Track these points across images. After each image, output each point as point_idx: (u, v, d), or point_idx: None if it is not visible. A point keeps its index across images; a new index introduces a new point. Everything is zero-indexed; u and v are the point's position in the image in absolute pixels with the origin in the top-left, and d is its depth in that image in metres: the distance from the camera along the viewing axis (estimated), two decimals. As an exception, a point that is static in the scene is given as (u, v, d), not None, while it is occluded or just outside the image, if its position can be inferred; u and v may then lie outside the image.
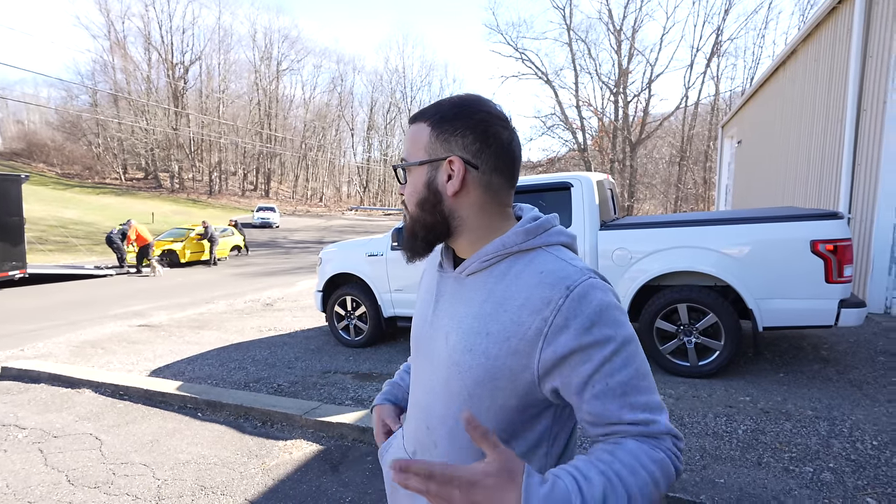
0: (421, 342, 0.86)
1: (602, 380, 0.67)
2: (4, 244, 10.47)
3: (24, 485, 2.62)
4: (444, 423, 0.78)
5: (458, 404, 0.76)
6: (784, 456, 2.63)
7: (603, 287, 0.71)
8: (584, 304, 0.68)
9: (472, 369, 0.74)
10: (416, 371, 0.86)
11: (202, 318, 7.04)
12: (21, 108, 51.02)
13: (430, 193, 0.78)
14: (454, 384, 0.76)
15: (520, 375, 0.71)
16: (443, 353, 0.78)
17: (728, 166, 14.70)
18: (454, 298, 0.80)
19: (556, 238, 0.78)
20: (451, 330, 0.78)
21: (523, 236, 0.76)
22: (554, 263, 0.73)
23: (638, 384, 0.68)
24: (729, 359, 3.72)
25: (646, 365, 0.70)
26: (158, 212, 30.47)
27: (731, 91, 30.37)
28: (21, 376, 4.47)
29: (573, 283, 0.69)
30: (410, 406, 0.89)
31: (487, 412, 0.74)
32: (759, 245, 3.63)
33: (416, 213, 0.80)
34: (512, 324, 0.71)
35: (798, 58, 8.10)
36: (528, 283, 0.72)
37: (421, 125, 0.78)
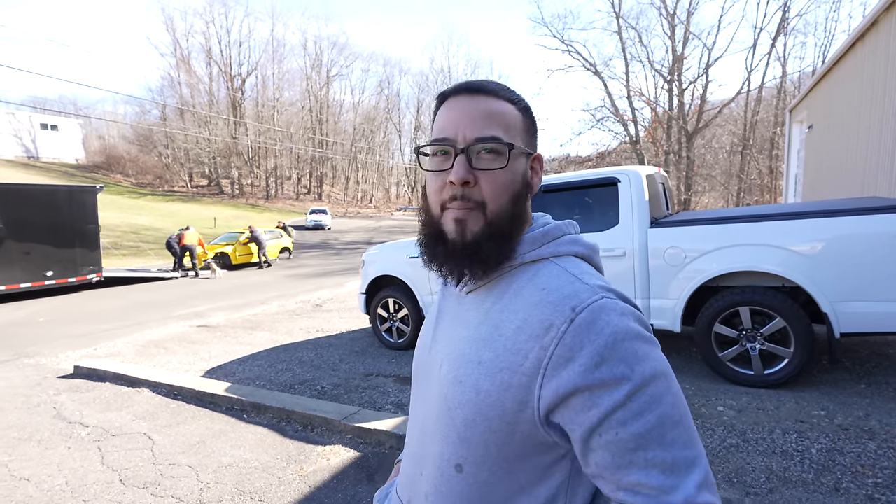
0: (419, 370, 0.75)
1: (611, 430, 0.54)
2: (82, 250, 11.39)
3: (81, 483, 2.76)
4: (437, 472, 0.66)
5: (449, 450, 0.64)
6: (867, 482, 2.31)
7: (620, 309, 0.57)
8: (593, 332, 0.55)
9: (460, 406, 0.62)
10: (413, 405, 0.75)
11: (255, 318, 7.31)
12: (102, 124, 55.76)
13: (523, 186, 0.67)
14: (444, 424, 0.64)
15: (518, 416, 0.58)
16: (435, 384, 0.67)
17: (797, 154, 13.58)
18: (452, 320, 0.70)
19: (567, 248, 0.66)
20: (445, 357, 0.67)
21: (527, 246, 0.66)
22: (560, 278, 0.61)
23: (661, 435, 0.53)
24: (800, 367, 3.36)
25: (678, 409, 0.55)
26: (220, 216, 32.22)
27: (801, 72, 28.12)
28: (90, 375, 4.79)
29: (580, 304, 0.57)
30: (406, 446, 0.77)
31: (482, 461, 0.61)
32: (835, 241, 3.25)
33: (504, 205, 0.64)
34: (506, 352, 0.59)
35: (880, 29, 7.30)
36: (528, 302, 0.61)
37: (506, 105, 0.66)
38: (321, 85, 54.52)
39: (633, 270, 3.82)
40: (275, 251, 17.58)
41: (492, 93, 0.66)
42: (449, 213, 0.64)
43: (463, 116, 0.64)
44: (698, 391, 3.51)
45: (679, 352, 4.38)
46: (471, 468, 0.62)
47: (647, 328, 0.59)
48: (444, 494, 0.64)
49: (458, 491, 0.63)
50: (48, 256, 10.70)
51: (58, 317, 8.31)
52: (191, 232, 14.62)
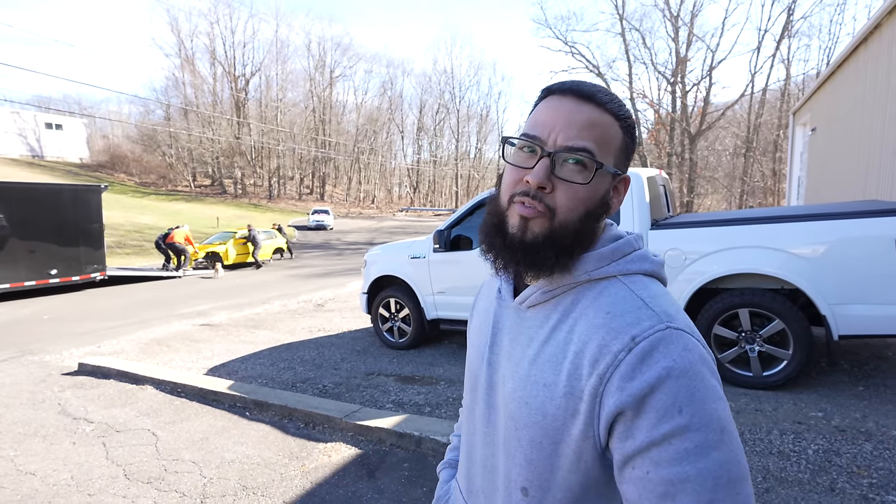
0: (476, 382, 0.73)
1: (643, 466, 0.51)
2: (87, 248, 11.46)
3: (86, 477, 2.80)
4: (506, 493, 0.65)
5: (516, 471, 0.63)
6: (863, 482, 2.34)
7: (683, 343, 0.53)
8: (647, 364, 0.52)
9: (527, 427, 0.61)
10: (475, 416, 0.73)
11: (258, 317, 7.35)
12: (106, 124, 56.07)
13: (601, 206, 0.63)
14: (512, 443, 0.63)
15: (582, 445, 0.56)
16: (500, 401, 0.66)
17: (800, 156, 13.58)
18: (514, 335, 0.67)
19: (636, 265, 0.63)
20: (509, 375, 0.65)
21: (595, 262, 0.62)
22: (626, 302, 0.58)
23: (697, 491, 0.48)
24: (798, 369, 3.39)
25: (727, 469, 0.49)
26: (223, 216, 32.32)
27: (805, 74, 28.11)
28: (95, 372, 4.84)
29: (641, 333, 0.54)
30: (469, 455, 0.75)
31: (547, 487, 0.60)
32: (835, 244, 3.27)
33: (573, 220, 0.61)
34: (569, 377, 0.57)
35: (883, 32, 7.31)
36: (592, 325, 0.58)
37: (609, 119, 0.62)
38: (324, 86, 54.68)
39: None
40: (268, 252, 17.27)
41: (600, 104, 0.62)
42: (515, 206, 0.62)
43: (560, 119, 0.61)
44: (697, 392, 3.53)
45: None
46: (536, 493, 0.61)
47: (714, 373, 0.55)
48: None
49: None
50: (52, 255, 10.77)
51: (62, 315, 8.37)
52: (179, 230, 14.41)
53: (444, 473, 0.89)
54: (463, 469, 0.77)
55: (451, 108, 62.20)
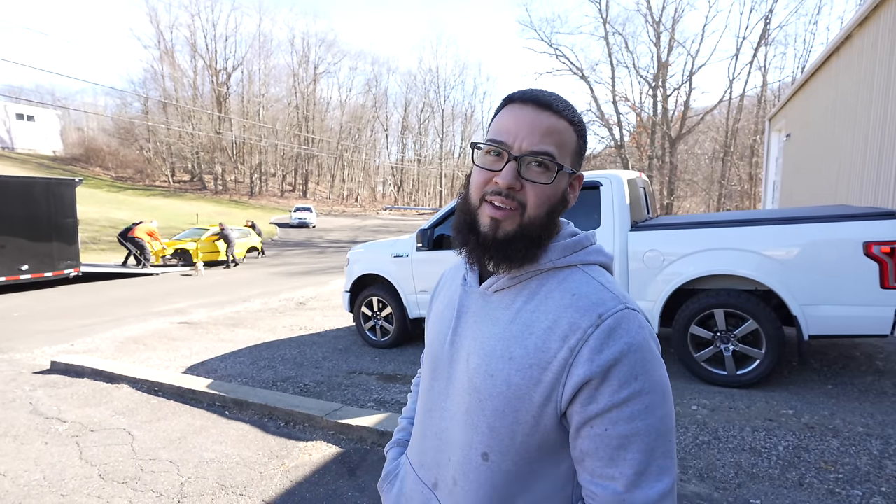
0: (440, 363, 0.78)
1: (602, 425, 0.61)
2: (60, 244, 11.13)
3: (59, 477, 2.74)
4: (464, 459, 0.71)
5: (477, 438, 0.69)
6: (830, 477, 2.43)
7: (639, 322, 0.64)
8: (613, 338, 0.61)
9: (491, 398, 0.67)
10: (434, 394, 0.79)
11: (238, 316, 7.25)
12: (81, 116, 54.43)
13: (560, 203, 0.72)
14: (474, 414, 0.69)
15: (543, 410, 0.64)
16: (463, 376, 0.72)
17: (776, 161, 13.95)
18: (479, 317, 0.74)
19: (594, 257, 0.73)
20: (473, 351, 0.71)
21: (559, 252, 0.71)
22: (588, 286, 0.67)
23: (644, 442, 0.60)
24: (770, 368, 3.49)
25: (665, 423, 0.61)
26: (203, 212, 31.74)
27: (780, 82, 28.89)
28: (67, 370, 4.72)
29: (606, 312, 0.63)
30: (423, 431, 0.80)
31: (507, 451, 0.67)
32: (806, 247, 3.38)
33: (541, 215, 0.69)
34: (537, 350, 0.65)
35: (854, 43, 7.56)
36: (558, 305, 0.66)
37: (565, 124, 0.69)
38: (308, 82, 54.08)
39: (614, 272, 3.91)
40: (242, 251, 16.70)
41: (557, 111, 0.69)
42: (486, 207, 0.69)
43: (523, 126, 0.67)
44: (674, 390, 3.61)
45: (657, 352, 4.49)
46: (496, 457, 0.67)
47: (658, 345, 0.66)
48: (471, 480, 0.70)
49: (485, 478, 0.68)
50: (24, 250, 10.43)
51: (33, 312, 8.13)
52: (143, 225, 13.95)
53: (392, 452, 0.94)
54: (416, 445, 0.82)
55: (435, 108, 62.18)
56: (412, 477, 0.82)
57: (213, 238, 15.82)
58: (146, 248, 13.79)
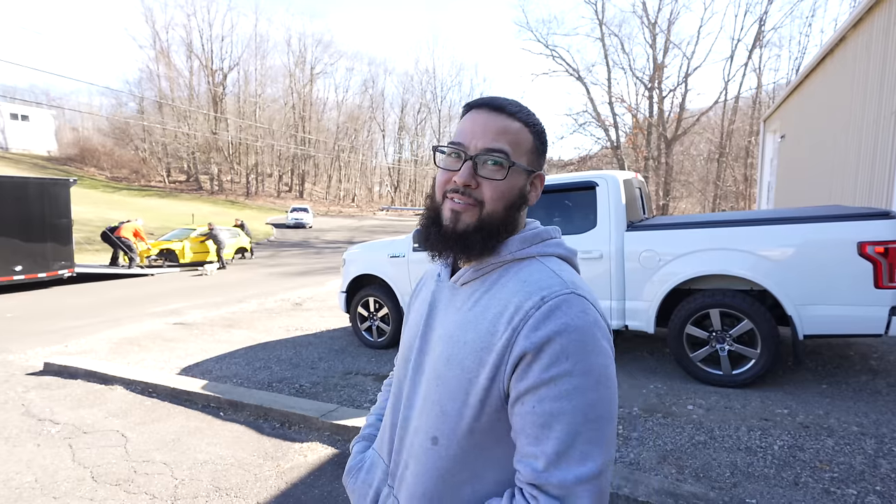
0: (408, 353, 0.81)
1: (530, 402, 0.62)
2: (54, 244, 11.06)
3: (51, 480, 2.71)
4: (418, 443, 0.73)
5: (430, 422, 0.71)
6: (825, 476, 2.43)
7: (582, 307, 0.64)
8: (551, 319, 0.63)
9: (447, 381, 0.70)
10: (404, 385, 0.81)
11: (234, 316, 7.22)
12: (76, 116, 54.12)
13: (519, 198, 0.75)
14: (430, 398, 0.72)
15: (489, 392, 0.66)
16: (428, 364, 0.75)
17: (770, 162, 14.01)
18: (446, 308, 0.78)
19: (552, 249, 0.75)
20: (439, 339, 0.75)
21: (518, 244, 0.74)
22: (540, 273, 0.70)
23: (570, 423, 0.59)
24: (766, 368, 3.50)
25: (597, 409, 0.61)
26: (198, 213, 31.61)
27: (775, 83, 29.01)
28: (61, 372, 4.68)
29: (550, 294, 0.65)
30: (388, 422, 0.83)
31: (453, 434, 0.69)
32: (801, 247, 3.39)
33: (498, 210, 0.73)
34: (486, 333, 0.67)
35: (847, 45, 7.61)
36: (510, 291, 0.69)
37: (519, 125, 0.74)
38: (304, 82, 53.96)
39: (610, 272, 3.91)
40: (231, 252, 16.36)
41: (510, 114, 0.73)
42: (448, 202, 0.74)
43: (478, 128, 0.72)
44: (670, 390, 3.62)
45: (652, 352, 4.50)
46: (444, 441, 0.69)
47: (605, 335, 0.65)
48: (420, 464, 0.72)
49: (432, 462, 0.70)
50: (17, 250, 10.36)
51: (27, 313, 8.07)
52: (129, 224, 13.71)
53: (357, 447, 0.95)
54: (385, 435, 0.83)
55: (432, 108, 62.19)
56: (372, 464, 0.84)
57: (201, 238, 15.50)
58: (133, 247, 13.56)
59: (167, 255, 15.00)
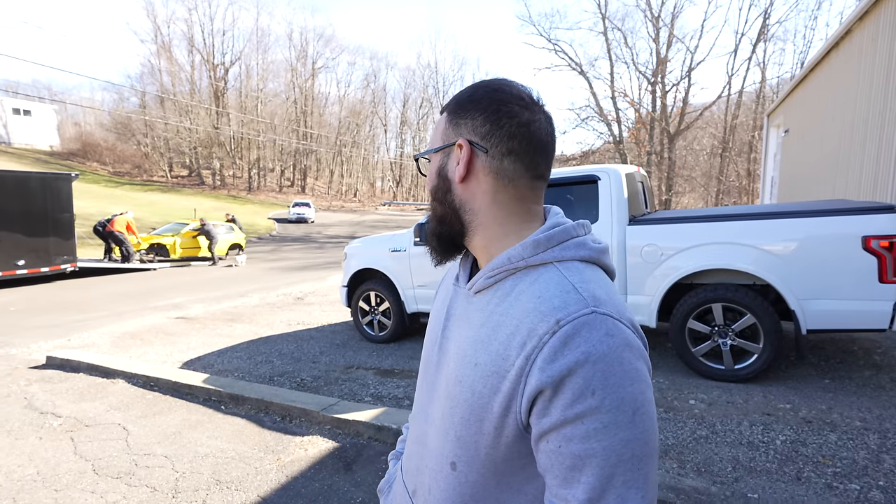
0: (428, 365, 0.76)
1: (556, 441, 0.55)
2: (56, 239, 11.08)
3: (53, 472, 2.72)
4: (437, 467, 0.69)
5: (447, 447, 0.66)
6: (827, 471, 2.42)
7: (607, 328, 0.55)
8: (568, 347, 0.54)
9: (459, 405, 0.64)
10: (421, 398, 0.77)
11: (236, 311, 7.23)
12: (78, 110, 54.16)
13: (440, 180, 0.71)
14: (446, 420, 0.67)
15: (503, 421, 0.60)
16: (443, 381, 0.69)
17: (774, 157, 13.93)
18: (461, 318, 0.71)
19: (572, 252, 0.64)
20: (452, 356, 0.68)
21: (531, 249, 0.64)
22: (557, 287, 0.60)
23: (602, 466, 0.52)
24: (768, 363, 3.48)
25: (632, 447, 0.53)
26: (200, 208, 31.63)
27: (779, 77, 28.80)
28: (63, 365, 4.69)
29: (566, 317, 0.56)
30: (411, 435, 0.79)
31: (472, 461, 0.64)
32: (804, 241, 3.37)
33: (431, 204, 0.73)
34: (498, 356, 0.60)
35: (853, 38, 7.53)
36: (524, 308, 0.61)
37: (442, 116, 0.72)
38: (306, 77, 53.82)
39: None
40: (225, 248, 15.83)
41: (443, 109, 0.73)
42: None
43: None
44: (672, 385, 3.60)
45: (654, 347, 4.48)
46: (463, 467, 0.64)
47: (638, 354, 0.57)
48: (441, 490, 0.67)
49: (452, 488, 0.66)
50: (20, 245, 10.38)
51: (30, 307, 8.09)
52: (121, 217, 13.45)
53: (392, 462, 0.92)
54: (406, 451, 0.80)
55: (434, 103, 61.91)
56: (399, 482, 0.81)
57: (193, 234, 15.24)
58: (126, 241, 13.35)
59: (157, 250, 14.81)
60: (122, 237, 13.27)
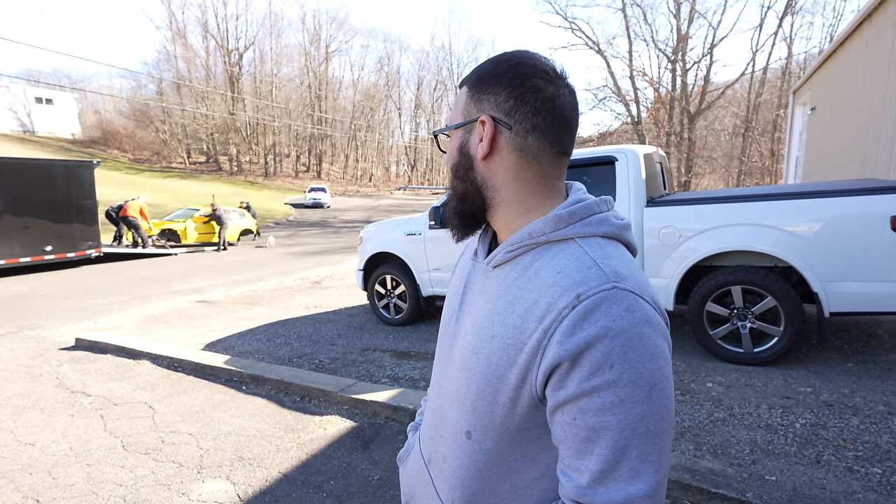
0: (444, 338, 0.78)
1: (571, 413, 0.55)
2: (81, 225, 11.38)
3: (84, 448, 2.84)
4: (452, 436, 0.70)
5: (463, 417, 0.68)
6: (848, 454, 2.39)
7: (628, 304, 0.55)
8: (588, 321, 0.54)
9: (475, 376, 0.65)
10: (438, 370, 0.79)
11: (255, 294, 7.36)
12: (98, 98, 54.94)
13: (461, 157, 0.70)
14: (461, 391, 0.68)
15: (519, 392, 0.61)
16: (458, 353, 0.71)
17: (799, 136, 13.50)
18: (478, 293, 0.72)
19: (594, 228, 0.64)
20: (469, 328, 0.69)
21: (552, 224, 0.64)
22: (577, 262, 0.60)
23: (616, 438, 0.53)
24: (789, 346, 3.43)
25: (647, 422, 0.53)
26: (218, 194, 32.03)
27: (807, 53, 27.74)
28: (91, 347, 4.86)
29: (587, 291, 0.56)
30: (428, 407, 0.81)
31: (486, 430, 0.65)
32: (829, 222, 3.27)
33: (451, 181, 0.73)
34: (515, 329, 0.61)
35: (888, 8, 7.19)
36: (543, 283, 0.61)
37: (463, 89, 0.71)
38: (320, 61, 53.59)
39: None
40: (236, 233, 16.01)
41: (462, 83, 0.71)
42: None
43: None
44: (689, 367, 3.58)
45: (671, 329, 4.44)
46: (477, 436, 0.66)
47: (658, 331, 0.57)
48: (456, 458, 0.69)
49: (467, 456, 0.68)
50: (47, 231, 10.69)
51: (58, 291, 8.36)
52: (134, 202, 13.59)
53: (411, 433, 0.94)
54: (425, 421, 0.82)
55: (449, 85, 61.23)
56: (416, 451, 0.83)
57: (204, 219, 15.41)
58: (140, 227, 13.46)
59: (169, 235, 14.97)
60: (136, 222, 13.38)
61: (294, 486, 2.43)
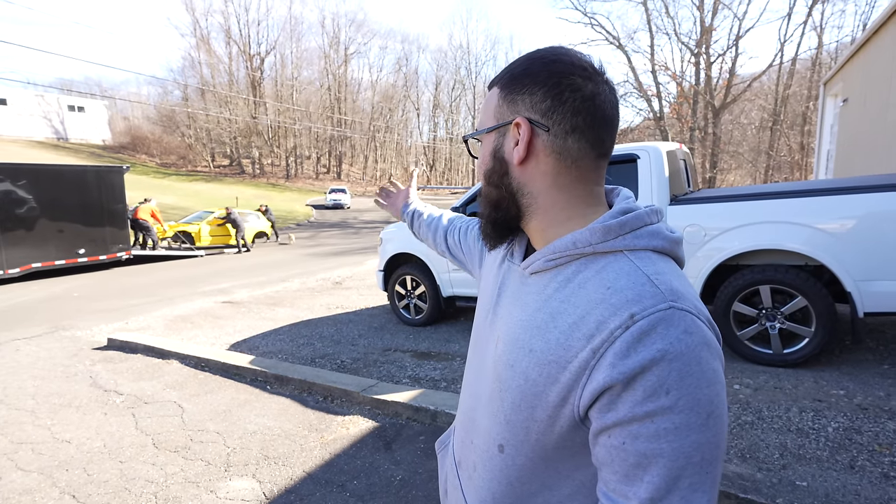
0: (478, 338, 0.75)
1: (621, 437, 0.52)
2: (112, 228, 11.75)
3: (117, 445, 2.94)
4: (484, 446, 0.69)
5: (496, 429, 0.65)
6: (884, 460, 2.31)
7: (685, 326, 0.52)
8: (643, 344, 0.51)
9: (510, 390, 0.62)
10: (471, 371, 0.76)
11: (278, 295, 7.49)
12: (126, 105, 56.66)
13: (496, 163, 0.66)
14: (495, 403, 0.65)
15: (559, 411, 0.58)
16: (490, 360, 0.68)
17: (830, 129, 13.05)
18: (514, 298, 0.68)
19: (645, 241, 0.59)
20: (502, 335, 0.66)
21: (600, 235, 0.59)
22: (629, 277, 0.56)
23: (668, 467, 0.50)
24: (820, 347, 3.32)
25: (701, 452, 0.50)
26: (242, 196, 32.70)
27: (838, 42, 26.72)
28: (123, 347, 5.02)
29: (642, 311, 0.52)
30: (461, 406, 0.80)
31: (521, 446, 0.62)
32: (863, 218, 3.16)
33: (484, 188, 0.69)
34: (558, 346, 0.57)
35: (924, -4, 6.89)
36: (590, 298, 0.57)
37: (494, 90, 0.67)
38: (339, 63, 54.23)
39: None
40: (250, 235, 16.07)
41: (493, 83, 0.68)
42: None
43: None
44: (715, 369, 3.50)
45: (697, 331, 4.35)
46: (511, 451, 0.64)
47: (715, 354, 0.54)
48: (487, 470, 0.67)
49: (499, 470, 0.66)
50: (80, 235, 11.08)
51: (91, 292, 8.66)
52: (145, 205, 13.71)
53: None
54: (459, 418, 0.81)
55: (467, 85, 61.23)
56: (451, 447, 0.83)
57: (219, 222, 15.55)
58: (152, 229, 13.63)
59: (183, 238, 15.18)
60: (148, 225, 13.54)
61: (318, 485, 2.47)
